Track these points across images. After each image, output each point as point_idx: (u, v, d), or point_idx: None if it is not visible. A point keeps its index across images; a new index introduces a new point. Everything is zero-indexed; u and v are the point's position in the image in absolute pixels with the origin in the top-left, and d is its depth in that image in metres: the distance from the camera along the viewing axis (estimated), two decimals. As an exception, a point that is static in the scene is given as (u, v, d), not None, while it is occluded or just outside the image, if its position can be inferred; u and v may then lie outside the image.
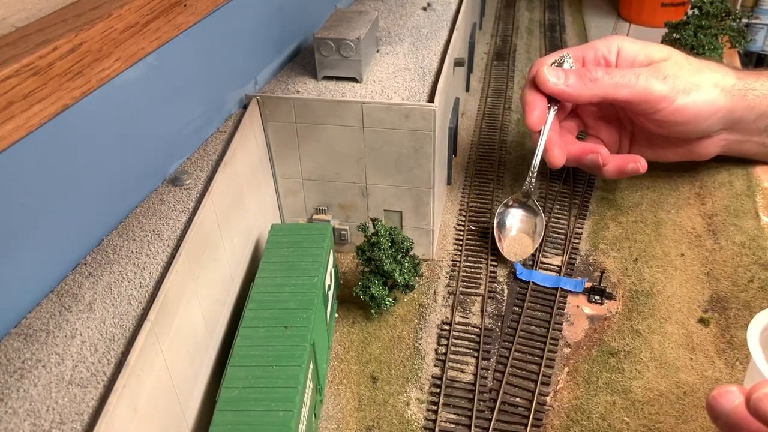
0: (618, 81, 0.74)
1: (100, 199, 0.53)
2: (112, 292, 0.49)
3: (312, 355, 0.56)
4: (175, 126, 0.63)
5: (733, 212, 0.84)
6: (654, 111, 0.76)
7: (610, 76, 0.75)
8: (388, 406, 0.62)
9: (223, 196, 0.62)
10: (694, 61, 0.78)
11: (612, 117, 0.86)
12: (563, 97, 0.76)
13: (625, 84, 0.74)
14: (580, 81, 0.75)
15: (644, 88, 0.74)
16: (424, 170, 0.72)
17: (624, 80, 0.74)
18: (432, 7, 0.98)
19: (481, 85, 1.24)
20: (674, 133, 0.80)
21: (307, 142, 0.73)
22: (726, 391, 0.41)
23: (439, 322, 0.71)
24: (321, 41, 0.73)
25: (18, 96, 0.39)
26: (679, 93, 0.74)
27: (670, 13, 1.40)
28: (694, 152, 0.84)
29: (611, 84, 0.74)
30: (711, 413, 0.41)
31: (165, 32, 0.54)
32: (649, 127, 0.80)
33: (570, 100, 0.78)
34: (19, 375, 0.42)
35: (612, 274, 0.77)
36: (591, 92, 0.75)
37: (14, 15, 0.44)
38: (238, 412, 0.49)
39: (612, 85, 0.74)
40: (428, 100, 0.71)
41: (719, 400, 0.41)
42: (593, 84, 0.75)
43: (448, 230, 0.85)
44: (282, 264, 0.63)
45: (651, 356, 0.66)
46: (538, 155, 0.77)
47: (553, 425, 0.60)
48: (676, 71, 0.75)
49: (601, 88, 0.75)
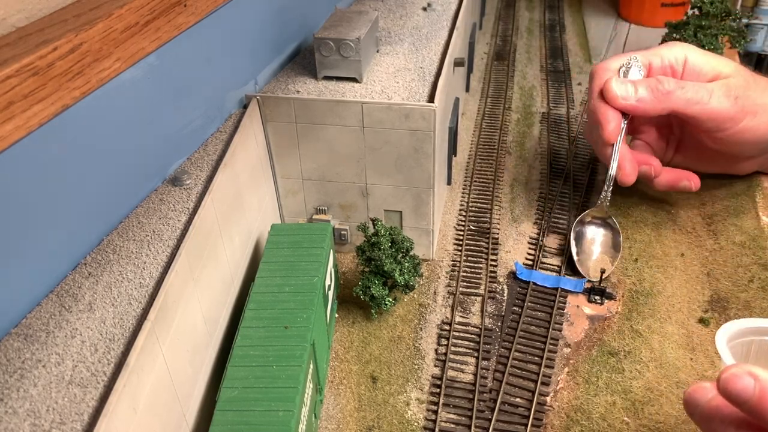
0: (691, 97, 0.72)
1: (100, 199, 0.53)
2: (112, 292, 0.49)
3: (312, 355, 0.56)
4: (175, 126, 0.63)
5: (733, 212, 0.84)
6: (719, 130, 0.74)
7: (684, 90, 0.72)
8: (388, 406, 0.62)
9: (223, 196, 0.62)
10: (760, 79, 0.76)
11: (663, 123, 0.84)
12: (634, 112, 0.74)
13: (698, 101, 0.72)
14: (651, 95, 0.72)
15: (716, 107, 0.72)
16: (424, 170, 0.72)
17: (697, 96, 0.72)
18: (432, 7, 0.98)
19: (481, 85, 1.24)
20: (730, 151, 0.78)
21: (307, 142, 0.73)
22: (700, 386, 0.43)
23: (439, 322, 0.71)
24: (321, 41, 0.73)
25: (18, 96, 0.39)
26: (747, 115, 0.73)
27: (670, 13, 1.40)
28: (737, 168, 0.84)
29: (684, 99, 0.72)
30: (687, 408, 0.43)
31: (165, 32, 0.54)
32: (706, 141, 0.78)
33: (640, 115, 0.76)
34: (19, 375, 0.42)
35: (612, 274, 0.77)
36: (662, 106, 0.73)
37: (14, 15, 0.44)
38: (238, 412, 0.49)
39: (684, 101, 0.72)
40: (428, 100, 0.71)
41: (694, 395, 0.43)
42: (665, 98, 0.72)
43: (448, 230, 0.85)
44: (282, 264, 0.63)
45: (651, 356, 0.66)
46: (613, 168, 0.76)
47: (553, 425, 0.60)
48: (745, 91, 0.73)
49: (673, 103, 0.72)
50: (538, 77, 1.27)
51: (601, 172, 0.96)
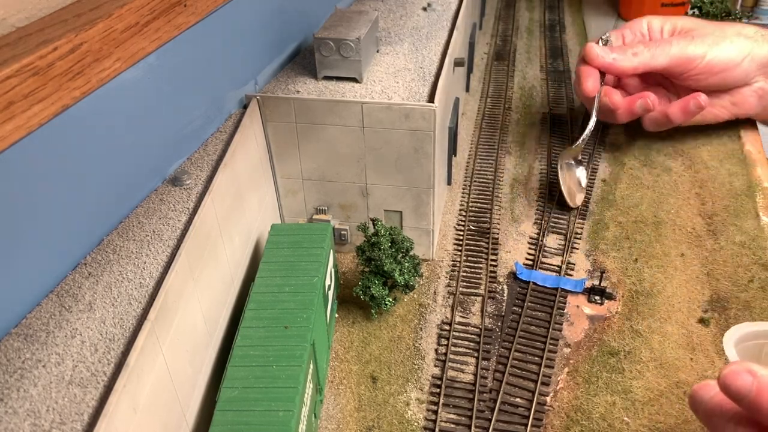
0: (654, 52, 0.88)
1: (100, 199, 0.53)
2: (112, 292, 0.49)
3: (312, 355, 0.56)
4: (175, 126, 0.63)
5: (733, 212, 0.84)
6: (690, 69, 0.88)
7: (648, 48, 0.88)
8: (388, 406, 0.62)
9: (223, 196, 0.62)
10: (716, 22, 0.93)
11: (657, 85, 0.96)
12: (611, 69, 0.89)
13: (661, 52, 0.87)
14: (623, 55, 0.89)
15: (678, 52, 0.87)
16: (424, 170, 0.72)
17: (659, 49, 0.88)
18: (432, 7, 0.98)
19: (481, 85, 1.24)
20: (713, 84, 0.90)
21: (307, 142, 0.73)
22: (705, 384, 0.44)
23: (439, 322, 0.71)
24: (321, 41, 0.73)
25: (18, 96, 0.39)
26: (708, 48, 0.87)
27: (669, 13, 1.40)
28: (737, 105, 0.94)
29: (650, 55, 0.88)
30: (692, 405, 0.45)
31: (165, 32, 0.54)
32: (690, 84, 0.91)
33: (616, 73, 0.91)
34: (19, 375, 0.42)
35: (612, 274, 0.77)
36: (634, 64, 0.88)
37: (14, 15, 0.44)
38: (238, 412, 0.49)
39: (650, 56, 0.88)
40: (428, 100, 0.71)
41: (699, 392, 0.44)
42: (635, 57, 0.88)
43: (448, 230, 0.85)
44: (282, 264, 0.63)
45: (651, 356, 0.66)
46: (594, 117, 0.89)
47: (553, 425, 0.60)
48: (702, 32, 0.89)
49: (641, 59, 0.88)
50: (538, 77, 1.27)
51: (602, 173, 0.96)
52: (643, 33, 0.95)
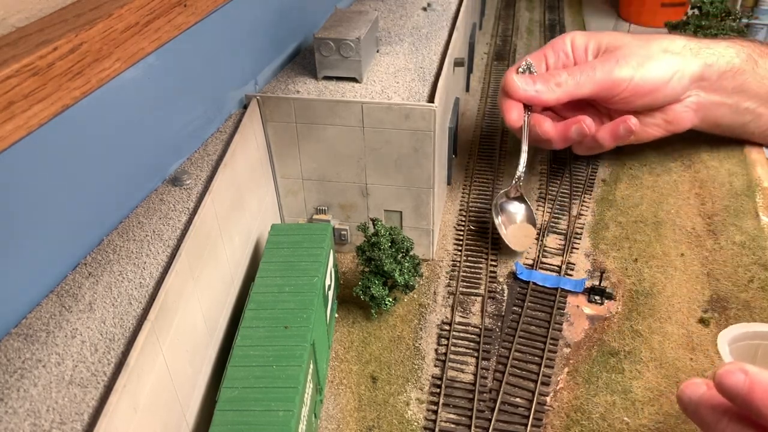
0: (578, 80, 0.81)
1: (100, 199, 0.53)
2: (112, 292, 0.49)
3: (312, 355, 0.56)
4: (175, 126, 0.63)
5: (733, 212, 0.84)
6: (618, 93, 0.82)
7: (572, 76, 0.81)
8: (388, 406, 0.62)
9: (223, 196, 0.62)
10: (640, 36, 0.86)
11: (585, 105, 0.90)
12: (534, 102, 0.83)
13: (586, 79, 0.81)
14: (546, 86, 0.81)
15: (603, 77, 0.81)
16: (424, 170, 0.72)
17: (584, 76, 0.81)
18: (432, 7, 0.98)
19: (481, 85, 1.24)
20: (644, 105, 0.85)
21: (307, 142, 0.73)
22: (692, 383, 0.46)
23: (439, 322, 0.71)
24: (321, 41, 0.73)
25: (18, 96, 0.39)
26: (634, 70, 0.81)
27: (670, 13, 1.40)
28: (671, 123, 0.88)
29: (574, 84, 0.81)
30: (680, 403, 0.46)
31: (165, 32, 0.54)
32: (620, 107, 0.85)
33: (541, 105, 0.84)
34: (19, 375, 0.42)
35: (612, 274, 0.77)
36: (557, 95, 0.81)
37: (14, 15, 0.44)
38: (238, 412, 0.49)
39: (575, 85, 0.81)
40: (428, 100, 0.71)
41: (686, 391, 0.45)
42: (558, 87, 0.81)
43: (448, 230, 0.85)
44: (282, 264, 0.63)
45: (651, 356, 0.66)
46: (525, 148, 0.83)
47: (553, 425, 0.60)
48: (626, 51, 0.82)
49: (565, 89, 0.81)
50: (538, 77, 1.27)
51: (602, 173, 0.96)
52: (566, 52, 0.87)
